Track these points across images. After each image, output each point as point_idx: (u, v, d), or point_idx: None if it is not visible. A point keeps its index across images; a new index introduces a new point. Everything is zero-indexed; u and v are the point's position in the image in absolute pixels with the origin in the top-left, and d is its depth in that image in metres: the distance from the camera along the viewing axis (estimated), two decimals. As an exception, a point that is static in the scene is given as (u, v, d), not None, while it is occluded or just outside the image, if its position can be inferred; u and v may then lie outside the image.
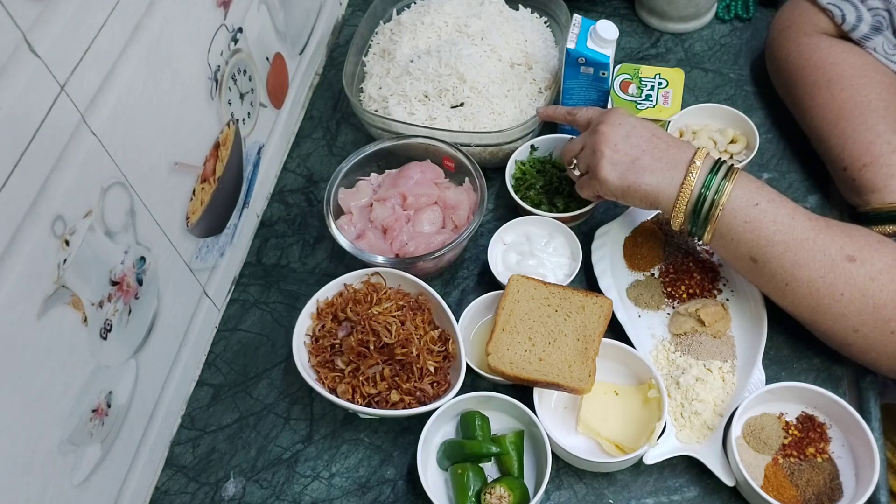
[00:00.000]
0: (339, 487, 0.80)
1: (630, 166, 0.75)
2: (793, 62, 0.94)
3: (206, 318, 0.88)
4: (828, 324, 0.73)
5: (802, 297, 0.73)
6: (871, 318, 0.70)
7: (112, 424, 0.72)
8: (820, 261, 0.71)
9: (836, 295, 0.71)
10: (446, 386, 0.79)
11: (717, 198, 0.72)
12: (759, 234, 0.72)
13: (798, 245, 0.71)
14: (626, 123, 0.78)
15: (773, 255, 0.72)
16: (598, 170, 0.77)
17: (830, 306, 0.72)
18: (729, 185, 0.73)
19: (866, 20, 0.89)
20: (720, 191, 0.72)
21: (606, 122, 0.78)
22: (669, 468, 0.77)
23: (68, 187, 0.61)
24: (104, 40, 0.63)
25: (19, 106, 0.55)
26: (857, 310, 0.71)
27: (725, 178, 0.73)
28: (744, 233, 0.73)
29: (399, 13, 1.10)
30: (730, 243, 0.74)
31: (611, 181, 0.76)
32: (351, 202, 0.91)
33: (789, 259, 0.72)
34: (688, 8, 1.09)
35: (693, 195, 0.73)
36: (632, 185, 0.75)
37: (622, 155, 0.76)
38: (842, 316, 0.72)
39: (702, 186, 0.73)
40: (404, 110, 0.99)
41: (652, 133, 0.77)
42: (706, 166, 0.74)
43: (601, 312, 0.80)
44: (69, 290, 0.63)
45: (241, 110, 0.90)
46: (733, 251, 0.75)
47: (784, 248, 0.72)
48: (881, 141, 0.83)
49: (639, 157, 0.75)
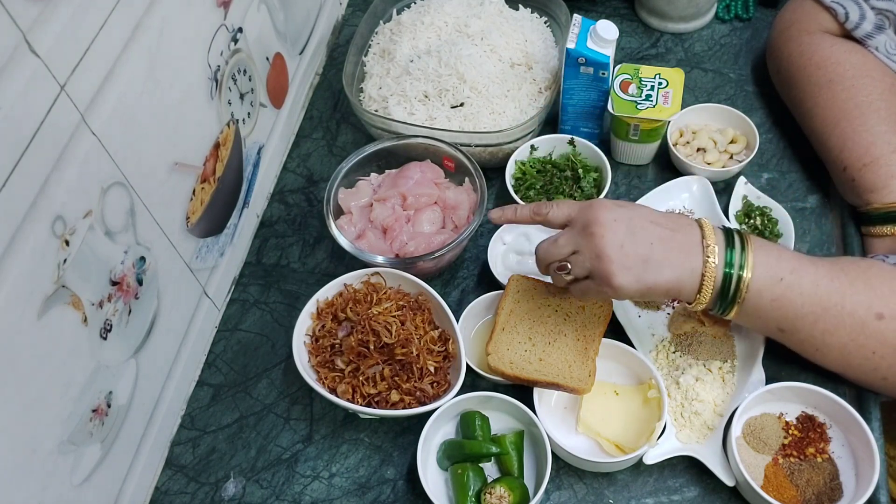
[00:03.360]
0: (339, 487, 0.80)
1: (644, 266, 0.68)
2: (794, 61, 0.94)
3: (206, 318, 0.88)
4: (857, 377, 0.74)
5: (834, 359, 0.73)
6: None
7: (112, 424, 0.72)
8: (850, 325, 0.70)
9: (867, 354, 0.71)
10: (446, 386, 0.79)
11: (742, 274, 0.69)
12: (786, 310, 0.70)
13: (826, 314, 0.70)
14: (621, 218, 0.69)
15: (803, 326, 0.71)
16: (611, 278, 0.68)
17: (862, 364, 0.72)
18: (750, 256, 0.69)
19: (869, 19, 0.89)
20: (744, 266, 0.69)
21: (599, 223, 0.69)
22: (669, 468, 0.77)
23: (68, 187, 0.61)
24: (104, 40, 0.63)
25: (19, 106, 0.55)
26: (888, 364, 0.71)
27: (743, 250, 0.69)
28: (771, 310, 0.71)
29: (399, 13, 1.10)
30: (757, 320, 0.73)
31: (627, 287, 0.68)
32: (351, 202, 0.91)
33: (819, 328, 0.71)
34: (688, 8, 1.09)
35: (717, 280, 0.69)
36: (651, 286, 0.69)
37: (633, 257, 0.68)
38: (873, 370, 0.72)
39: (725, 264, 0.69)
40: (404, 110, 0.99)
41: (651, 220, 0.70)
42: (720, 244, 0.70)
43: (601, 312, 0.80)
44: (69, 290, 0.63)
45: (241, 110, 0.90)
46: (761, 325, 0.74)
47: (813, 318, 0.70)
48: (881, 141, 0.83)
49: (650, 254, 0.68)
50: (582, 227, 0.70)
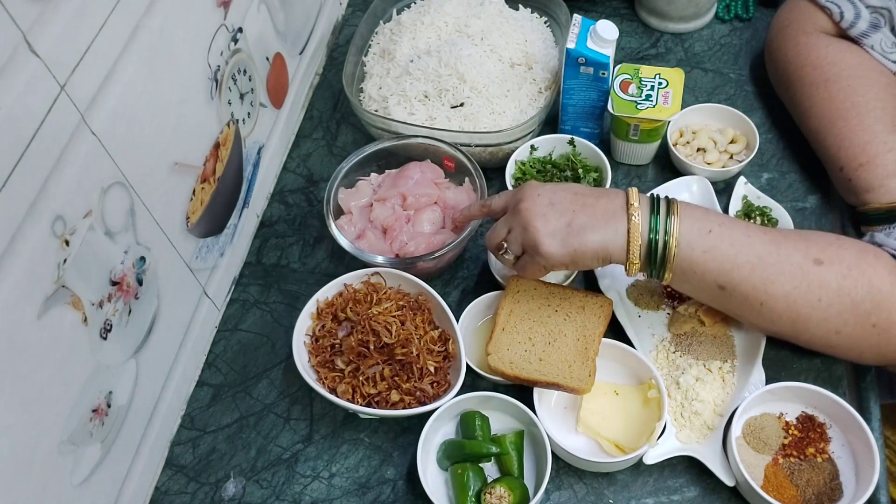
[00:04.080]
0: (339, 487, 0.80)
1: (568, 230, 0.71)
2: (791, 61, 0.94)
3: (206, 318, 0.88)
4: (810, 332, 0.72)
5: (780, 312, 0.71)
6: (851, 316, 0.70)
7: (112, 424, 0.72)
8: (789, 272, 0.70)
9: (813, 302, 0.70)
10: (446, 386, 0.79)
11: (668, 238, 0.70)
12: (721, 261, 0.70)
13: (763, 261, 0.70)
14: (544, 192, 0.74)
15: (741, 277, 0.70)
16: (538, 246, 0.72)
17: (810, 315, 0.70)
18: (676, 220, 0.70)
19: (864, 17, 0.89)
20: (669, 230, 0.70)
21: (525, 198, 0.74)
22: (669, 468, 0.77)
23: (68, 187, 0.61)
24: (104, 40, 0.63)
25: (19, 106, 0.55)
26: (836, 311, 0.70)
27: (669, 214, 0.71)
28: (706, 263, 0.70)
29: (399, 13, 1.10)
30: (693, 277, 0.72)
31: (555, 252, 0.72)
32: (351, 202, 0.91)
33: (758, 277, 0.70)
34: (688, 8, 1.09)
35: (643, 239, 0.71)
36: (578, 249, 0.71)
37: (555, 223, 0.72)
38: (823, 321, 0.70)
39: (649, 231, 0.70)
40: (404, 110, 0.99)
41: (574, 192, 0.74)
42: (645, 206, 0.71)
43: (601, 312, 0.80)
44: (69, 290, 0.63)
45: (241, 110, 0.90)
46: (698, 284, 0.73)
47: (750, 268, 0.70)
48: (877, 141, 0.83)
49: (573, 220, 0.72)
50: (512, 207, 0.76)
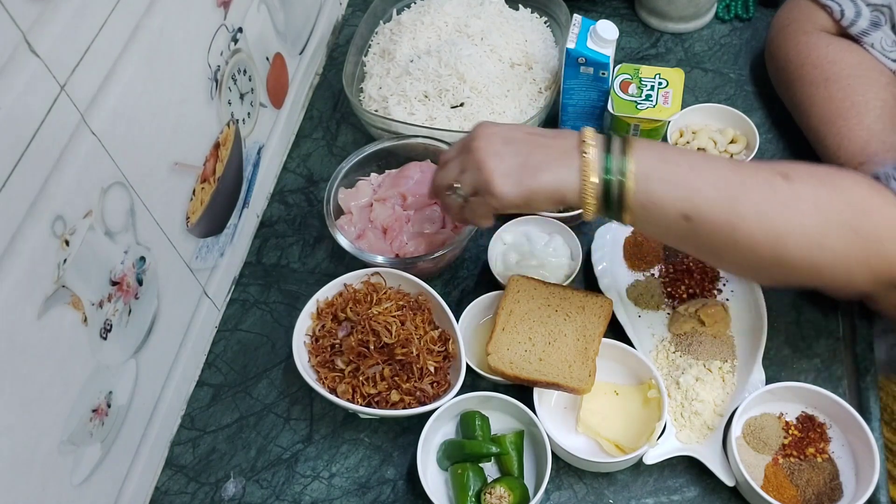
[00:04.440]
0: (339, 487, 0.80)
1: (521, 170, 0.68)
2: (792, 60, 0.94)
3: (206, 318, 0.88)
4: (791, 252, 0.65)
5: (755, 231, 0.65)
6: (832, 225, 0.65)
7: (112, 424, 0.72)
8: (757, 186, 0.65)
9: (788, 215, 0.65)
10: (446, 386, 0.79)
11: (624, 171, 0.66)
12: (682, 186, 0.65)
13: (726, 180, 0.65)
14: (498, 132, 0.71)
15: (706, 201, 0.65)
16: (492, 186, 0.68)
17: (788, 230, 0.65)
18: (630, 153, 0.66)
19: (865, 15, 0.89)
20: (624, 165, 0.66)
21: (478, 137, 0.71)
22: (669, 468, 0.77)
23: (68, 187, 0.61)
24: (104, 40, 0.63)
25: (19, 106, 0.55)
26: (815, 222, 0.64)
27: (624, 148, 0.67)
28: (665, 192, 0.65)
29: (399, 13, 1.10)
30: (654, 211, 0.66)
31: (508, 192, 0.68)
32: (351, 202, 0.91)
33: (725, 197, 0.65)
34: (688, 8, 1.09)
35: (598, 176, 0.66)
36: (532, 188, 0.68)
37: (510, 163, 0.68)
38: (803, 236, 0.65)
39: (603, 169, 0.66)
40: (404, 110, 0.99)
41: (528, 132, 0.71)
42: (599, 143, 0.67)
43: (601, 312, 0.80)
44: (69, 290, 0.63)
45: (241, 110, 0.90)
46: (662, 218, 0.67)
47: (714, 189, 0.65)
48: (876, 140, 0.83)
49: (527, 160, 0.68)
50: (466, 145, 0.72)
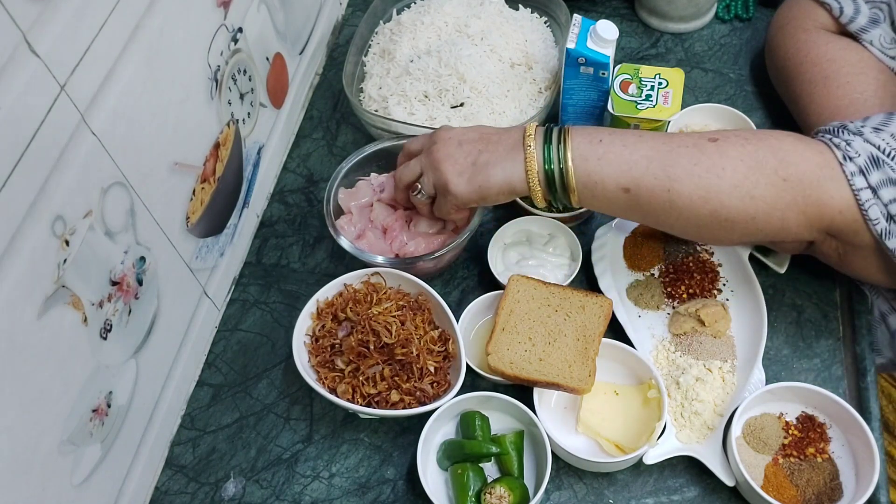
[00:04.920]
0: (339, 487, 0.80)
1: (473, 168, 0.76)
2: (791, 58, 0.94)
3: (206, 318, 0.88)
4: (725, 206, 0.70)
5: (690, 192, 0.70)
6: (760, 175, 0.69)
7: (112, 424, 0.72)
8: (687, 153, 0.71)
9: (717, 171, 0.69)
10: (446, 386, 0.79)
11: (563, 158, 0.73)
12: (617, 162, 0.72)
13: (657, 150, 0.71)
14: (453, 135, 0.78)
15: (641, 171, 0.71)
16: (448, 186, 0.77)
17: (720, 185, 0.69)
18: (568, 141, 0.73)
19: (864, 12, 0.89)
20: (562, 153, 0.73)
21: (437, 141, 0.79)
22: (669, 468, 0.77)
23: (68, 187, 0.61)
24: (104, 40, 0.63)
25: (19, 106, 0.55)
26: (743, 174, 0.69)
27: (560, 142, 0.74)
28: (602, 169, 0.72)
29: (399, 13, 1.09)
30: (596, 188, 0.73)
31: (462, 190, 0.77)
32: (351, 202, 0.91)
33: (657, 166, 0.71)
34: (688, 8, 1.09)
35: (539, 166, 0.74)
36: (483, 185, 0.76)
37: (462, 163, 0.76)
38: (733, 188, 0.69)
39: (544, 160, 0.74)
40: (404, 110, 0.99)
41: (480, 133, 0.78)
42: (539, 136, 0.75)
43: (601, 312, 0.80)
44: (69, 290, 0.63)
45: (241, 110, 0.90)
46: (604, 194, 0.74)
47: (647, 160, 0.71)
48: None
49: (477, 157, 0.76)
50: (427, 149, 0.80)
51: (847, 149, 0.68)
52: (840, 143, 0.69)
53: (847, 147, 0.69)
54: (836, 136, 0.70)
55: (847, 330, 0.84)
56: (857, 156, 0.68)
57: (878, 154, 0.68)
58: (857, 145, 0.69)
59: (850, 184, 0.68)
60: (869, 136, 0.69)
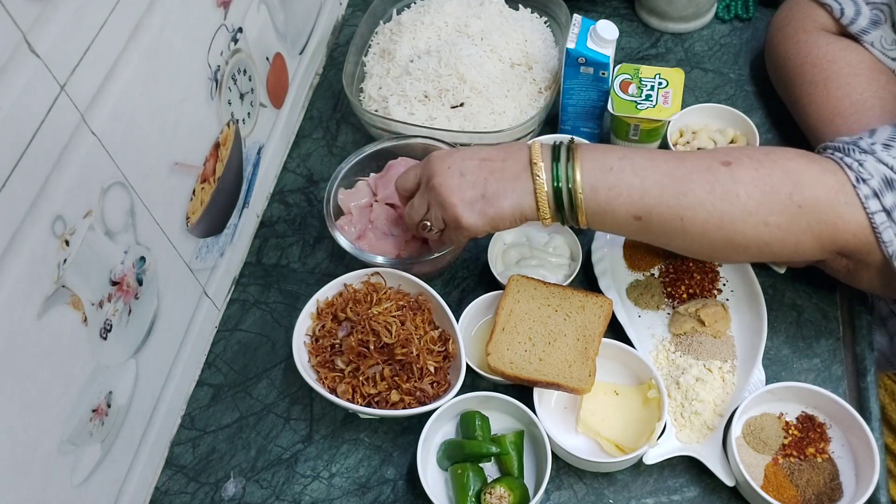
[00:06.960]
0: (339, 487, 0.80)
1: (484, 201, 0.72)
2: (791, 59, 0.94)
3: (206, 318, 0.88)
4: (739, 232, 0.69)
5: (703, 220, 0.69)
6: (774, 202, 0.68)
7: (112, 424, 0.72)
8: (700, 179, 0.69)
9: (732, 199, 0.68)
10: (446, 386, 0.79)
11: (572, 187, 0.70)
12: (628, 192, 0.70)
13: (670, 178, 0.69)
14: (452, 164, 0.74)
15: (653, 200, 0.69)
16: (459, 220, 0.73)
17: (733, 213, 0.68)
18: (577, 167, 0.71)
19: (865, 14, 0.89)
20: (571, 178, 0.70)
21: (435, 173, 0.74)
22: (669, 468, 0.77)
23: (68, 187, 0.61)
24: (104, 40, 0.63)
25: (19, 106, 0.55)
26: (758, 201, 0.68)
27: (569, 161, 0.71)
28: (614, 199, 0.70)
29: (399, 13, 1.10)
30: (607, 216, 0.72)
31: (475, 224, 0.73)
32: (351, 202, 0.91)
33: (670, 194, 0.69)
34: (688, 8, 1.09)
35: (549, 194, 0.71)
36: (495, 217, 0.73)
37: (470, 194, 0.72)
38: (748, 215, 0.68)
39: (553, 185, 0.71)
40: (404, 110, 0.99)
41: (480, 158, 0.74)
42: (547, 159, 0.72)
43: (601, 312, 0.80)
44: (69, 290, 0.63)
45: (241, 110, 0.90)
46: (615, 220, 0.72)
47: (660, 188, 0.69)
48: None
49: (485, 189, 0.72)
50: (425, 183, 0.76)
51: (860, 170, 0.68)
52: (852, 163, 0.68)
53: (860, 168, 0.68)
54: (848, 156, 0.69)
55: (847, 330, 0.84)
56: (870, 177, 0.67)
57: (892, 175, 0.67)
58: (869, 166, 0.68)
59: (865, 207, 0.67)
60: (881, 155, 0.68)
